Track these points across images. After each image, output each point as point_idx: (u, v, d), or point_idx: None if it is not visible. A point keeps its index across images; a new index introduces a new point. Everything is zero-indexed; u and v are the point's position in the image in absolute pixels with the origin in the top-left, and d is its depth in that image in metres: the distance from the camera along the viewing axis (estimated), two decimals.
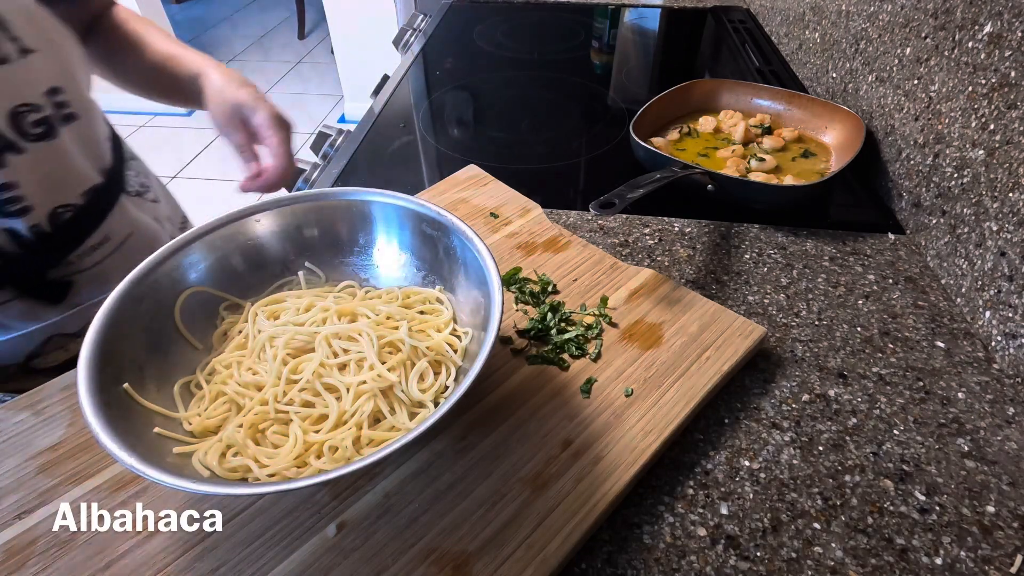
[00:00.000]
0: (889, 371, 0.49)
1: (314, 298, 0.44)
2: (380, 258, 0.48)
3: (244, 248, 0.45)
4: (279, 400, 0.38)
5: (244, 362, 0.40)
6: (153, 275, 0.40)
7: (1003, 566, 0.37)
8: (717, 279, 0.58)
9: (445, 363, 0.41)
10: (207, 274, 0.43)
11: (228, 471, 0.35)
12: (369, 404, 0.38)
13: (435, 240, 0.45)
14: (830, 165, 0.73)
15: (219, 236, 0.43)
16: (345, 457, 0.36)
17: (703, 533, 0.38)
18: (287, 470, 0.35)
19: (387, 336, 0.41)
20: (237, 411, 0.38)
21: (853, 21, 0.79)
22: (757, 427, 0.44)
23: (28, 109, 0.46)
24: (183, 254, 0.42)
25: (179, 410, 0.38)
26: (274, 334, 0.41)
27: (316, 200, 0.46)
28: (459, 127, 0.93)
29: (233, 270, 0.45)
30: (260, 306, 0.44)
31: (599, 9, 1.27)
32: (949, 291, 0.56)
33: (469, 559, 0.35)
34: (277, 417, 0.37)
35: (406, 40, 1.24)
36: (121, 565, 0.35)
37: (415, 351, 0.40)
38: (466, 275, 0.43)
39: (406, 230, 0.46)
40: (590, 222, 0.65)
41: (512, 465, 0.39)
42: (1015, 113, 0.50)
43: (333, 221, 0.47)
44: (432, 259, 0.46)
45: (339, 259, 0.48)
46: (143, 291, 0.39)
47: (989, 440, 0.44)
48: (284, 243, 0.46)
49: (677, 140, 0.78)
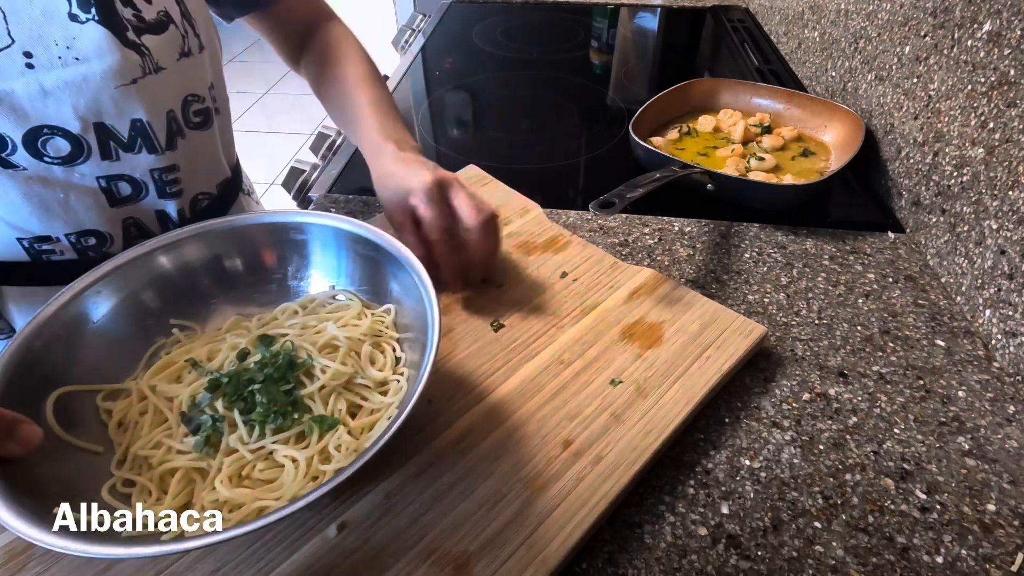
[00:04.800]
0: (889, 370, 0.49)
1: (209, 346, 0.42)
2: (267, 284, 0.46)
3: (94, 329, 0.39)
4: (247, 441, 0.36)
5: (175, 433, 0.37)
6: (13, 387, 0.34)
7: (1004, 564, 0.37)
8: (717, 278, 0.58)
9: (385, 340, 0.43)
10: (64, 372, 0.37)
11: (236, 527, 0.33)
12: (341, 401, 0.38)
13: (298, 244, 0.45)
14: (829, 164, 0.73)
15: (60, 325, 0.37)
16: (355, 449, 0.36)
17: (704, 532, 0.38)
18: (303, 489, 0.34)
19: (318, 341, 0.41)
20: (202, 477, 0.36)
21: (852, 20, 0.79)
22: (758, 426, 0.44)
23: (195, 99, 0.50)
24: (28, 350, 0.35)
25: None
26: (194, 391, 0.38)
27: (144, 257, 0.42)
28: (459, 127, 0.93)
29: (92, 356, 0.39)
30: (150, 379, 0.40)
31: (598, 9, 1.27)
32: (949, 289, 0.56)
33: (470, 559, 0.35)
34: (257, 456, 0.36)
35: (405, 40, 1.24)
36: (122, 566, 0.35)
37: (352, 341, 0.41)
38: (384, 267, 0.43)
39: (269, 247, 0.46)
40: (590, 222, 0.65)
41: (512, 465, 0.39)
42: (1014, 111, 0.50)
43: (180, 272, 0.44)
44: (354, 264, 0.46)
45: (212, 300, 0.45)
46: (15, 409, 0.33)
47: (990, 438, 0.44)
48: (140, 306, 0.42)
49: (677, 140, 0.78)
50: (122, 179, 0.47)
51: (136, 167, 0.47)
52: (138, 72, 0.44)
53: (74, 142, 0.43)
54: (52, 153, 0.43)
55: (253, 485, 0.35)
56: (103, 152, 0.45)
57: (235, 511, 0.34)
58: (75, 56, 0.41)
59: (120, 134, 0.45)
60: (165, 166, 0.48)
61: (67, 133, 0.42)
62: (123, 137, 0.45)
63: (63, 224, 0.46)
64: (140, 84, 0.44)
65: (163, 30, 0.46)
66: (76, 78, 0.41)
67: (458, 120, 0.94)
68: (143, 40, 0.44)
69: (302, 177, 0.82)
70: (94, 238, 0.48)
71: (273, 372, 0.38)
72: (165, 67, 0.46)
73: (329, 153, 0.86)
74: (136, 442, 0.37)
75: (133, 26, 0.43)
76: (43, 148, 0.42)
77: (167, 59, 0.46)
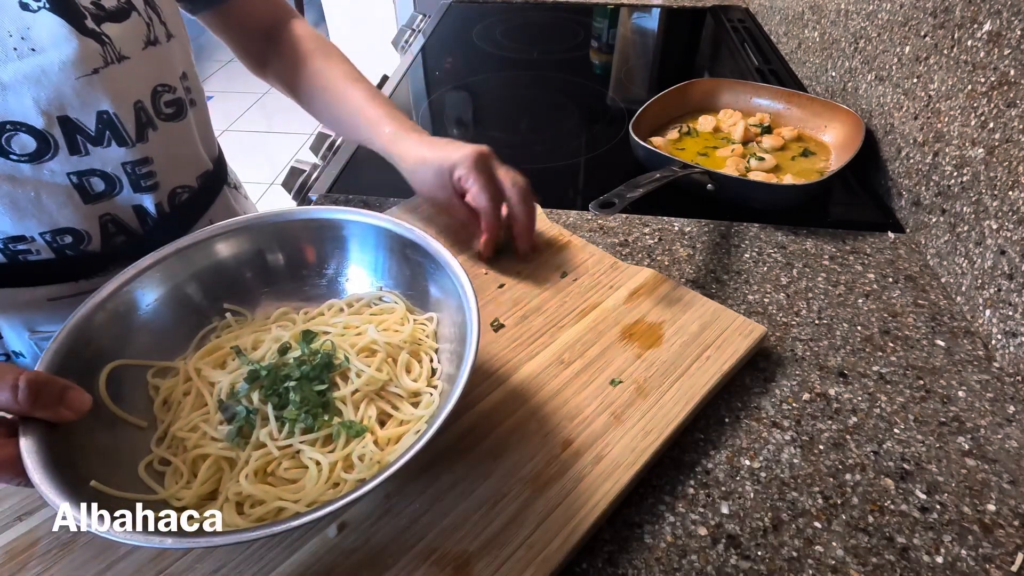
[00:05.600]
0: (889, 370, 0.49)
1: (255, 335, 0.43)
2: (317, 279, 0.47)
3: (151, 308, 0.41)
4: (276, 438, 0.36)
5: (212, 419, 0.38)
6: (64, 363, 0.35)
7: (1004, 564, 0.37)
8: (717, 278, 0.58)
9: (423, 349, 0.42)
10: (120, 346, 0.39)
11: (256, 522, 0.33)
12: (372, 408, 0.38)
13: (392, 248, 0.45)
14: (829, 164, 0.73)
15: (120, 303, 0.39)
16: (377, 461, 0.35)
17: (704, 532, 0.38)
18: (323, 495, 0.34)
19: (358, 343, 0.41)
20: (230, 467, 0.36)
21: (852, 20, 0.79)
22: (758, 426, 0.44)
23: (166, 89, 0.49)
24: (87, 328, 0.37)
25: (157, 491, 0.35)
26: (234, 380, 0.39)
27: (214, 237, 0.43)
28: (459, 127, 0.93)
29: (148, 333, 0.41)
30: (197, 361, 0.41)
31: (598, 9, 1.27)
32: (949, 289, 0.56)
33: (470, 559, 0.35)
34: (283, 453, 0.36)
35: (405, 40, 1.24)
36: (122, 566, 0.35)
37: (391, 347, 0.41)
38: (426, 274, 0.43)
39: (338, 246, 0.46)
40: (590, 222, 0.65)
41: (513, 465, 0.39)
42: (1014, 111, 0.50)
43: (240, 258, 0.45)
44: (390, 266, 0.46)
45: (263, 290, 0.46)
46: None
47: (990, 438, 0.44)
48: (195, 289, 0.43)
49: (677, 139, 0.78)
50: (94, 174, 0.46)
51: (107, 161, 0.46)
52: (99, 61, 0.42)
53: (39, 137, 0.42)
54: (18, 150, 0.41)
55: (276, 483, 0.36)
56: (71, 147, 0.43)
57: (256, 507, 0.34)
58: (31, 47, 0.39)
59: (87, 127, 0.44)
60: (137, 159, 0.47)
61: (31, 128, 0.41)
62: (90, 130, 0.44)
63: (37, 223, 0.45)
64: (103, 74, 0.43)
65: (125, 17, 0.44)
66: (34, 70, 0.40)
67: (458, 120, 0.94)
68: (103, 28, 0.43)
69: (302, 177, 0.81)
70: (70, 236, 0.46)
71: (310, 371, 0.39)
72: (129, 56, 0.45)
73: (329, 153, 0.86)
74: (176, 422, 0.38)
75: (92, 14, 0.42)
76: (8, 145, 0.41)
77: (131, 48, 0.45)
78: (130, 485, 0.34)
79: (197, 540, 0.28)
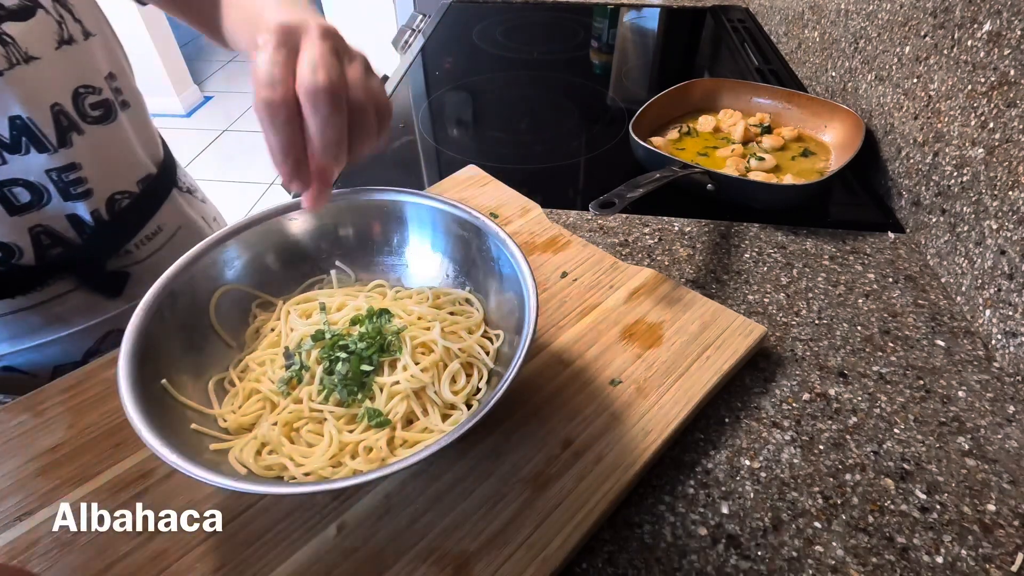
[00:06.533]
0: (889, 370, 0.49)
1: (345, 297, 0.45)
2: (412, 258, 0.48)
3: (277, 246, 0.45)
4: (313, 399, 0.38)
5: (277, 360, 0.41)
6: (189, 272, 0.40)
7: (1004, 564, 0.37)
8: (717, 278, 0.58)
9: (477, 365, 0.41)
10: (241, 272, 0.43)
11: (264, 469, 0.35)
12: (403, 405, 0.38)
13: (467, 241, 0.45)
14: (829, 164, 0.73)
15: (254, 233, 0.43)
16: (380, 458, 0.36)
17: (704, 532, 0.38)
18: (322, 469, 0.35)
19: (420, 337, 0.41)
20: (271, 409, 0.39)
21: (852, 20, 0.79)
22: (758, 426, 0.44)
23: (89, 91, 0.47)
24: (218, 251, 0.41)
25: (214, 407, 0.38)
26: (306, 333, 0.41)
27: (350, 198, 0.46)
28: (458, 127, 0.93)
29: (266, 268, 0.45)
30: (292, 304, 0.44)
31: (598, 9, 1.27)
32: (949, 289, 0.56)
33: (470, 559, 0.35)
34: (312, 416, 0.38)
35: (405, 40, 1.24)
36: (122, 566, 0.35)
37: (448, 352, 0.40)
38: (500, 279, 0.43)
39: (439, 231, 0.46)
40: (590, 222, 0.65)
41: (513, 465, 0.39)
42: (1014, 111, 0.50)
43: (367, 221, 0.47)
44: (464, 260, 0.46)
45: (371, 258, 0.48)
46: (180, 287, 0.39)
47: (990, 438, 0.44)
48: (317, 241, 0.46)
49: (677, 139, 0.78)
50: (16, 184, 0.43)
51: (29, 170, 0.43)
52: (2, 63, 0.40)
53: None
54: None
55: (296, 440, 0.37)
56: None
57: (271, 455, 0.36)
58: None
59: (0, 135, 0.42)
60: (62, 165, 0.45)
61: None
62: (4, 137, 0.42)
63: None
64: (8, 76, 0.41)
65: (29, 16, 0.42)
66: None
67: (458, 120, 0.94)
68: (4, 28, 0.41)
69: None
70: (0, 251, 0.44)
71: (364, 349, 0.39)
72: (39, 56, 0.42)
73: None
74: (253, 353, 0.42)
75: None
76: None
77: (40, 48, 0.43)
78: (195, 395, 0.38)
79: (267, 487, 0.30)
